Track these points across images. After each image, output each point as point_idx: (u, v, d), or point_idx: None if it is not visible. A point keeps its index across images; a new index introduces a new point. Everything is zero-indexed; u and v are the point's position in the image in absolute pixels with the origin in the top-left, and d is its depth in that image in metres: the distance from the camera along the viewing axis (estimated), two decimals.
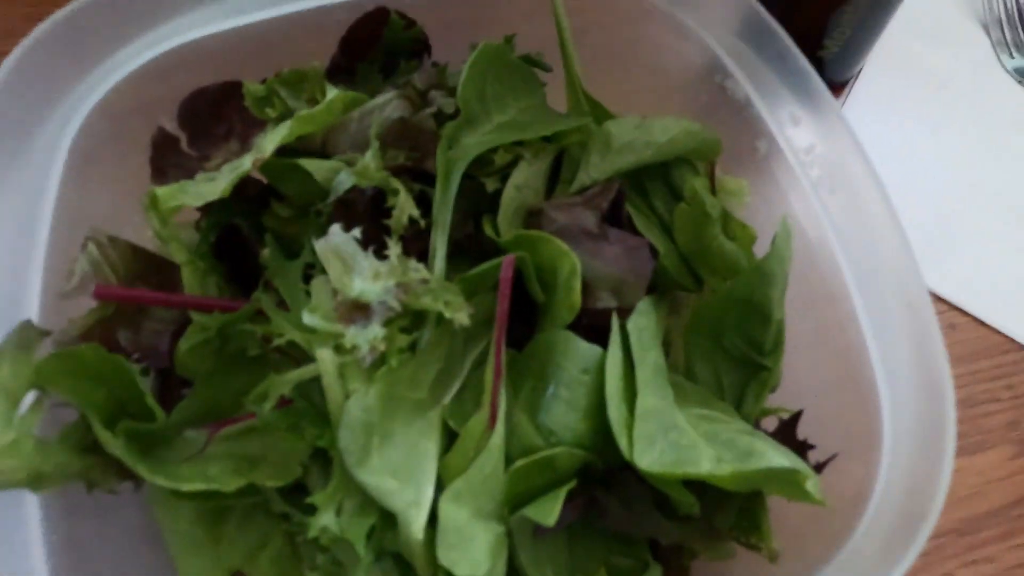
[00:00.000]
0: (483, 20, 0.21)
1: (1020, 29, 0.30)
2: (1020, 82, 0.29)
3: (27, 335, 0.13)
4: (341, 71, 0.18)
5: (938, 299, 0.25)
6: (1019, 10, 0.32)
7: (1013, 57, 0.30)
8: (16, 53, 0.16)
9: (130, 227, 0.16)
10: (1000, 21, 0.31)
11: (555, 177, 0.19)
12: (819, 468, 0.16)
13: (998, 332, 0.25)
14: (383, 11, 0.18)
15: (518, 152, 0.17)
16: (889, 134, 0.27)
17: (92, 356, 0.13)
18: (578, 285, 0.15)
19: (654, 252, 0.17)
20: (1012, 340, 0.25)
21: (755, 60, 0.19)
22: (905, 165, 0.26)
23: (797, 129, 0.19)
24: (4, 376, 0.12)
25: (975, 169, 0.27)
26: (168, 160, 0.17)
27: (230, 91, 0.17)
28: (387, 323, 0.14)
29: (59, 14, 0.16)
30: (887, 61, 0.29)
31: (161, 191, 0.15)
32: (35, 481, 0.13)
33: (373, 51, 0.18)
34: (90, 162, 0.17)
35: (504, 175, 0.17)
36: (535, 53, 0.18)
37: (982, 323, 0.25)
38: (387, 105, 0.16)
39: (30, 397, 0.13)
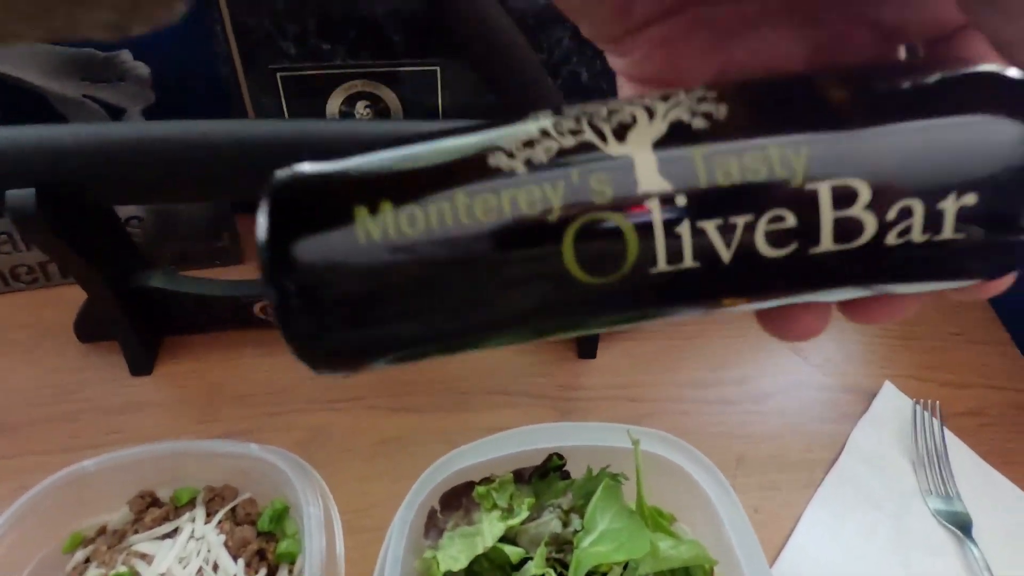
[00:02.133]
0: None
1: (940, 476, 0.45)
2: (940, 523, 0.43)
3: None
4: (523, 480, 0.33)
5: None
6: (938, 457, 0.47)
7: (932, 494, 0.44)
8: None
9: None
10: (924, 463, 0.46)
11: None
12: None
13: None
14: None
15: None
16: (830, 539, 0.41)
17: None
18: None
19: None
20: None
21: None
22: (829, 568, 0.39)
23: None
24: None
25: None
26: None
27: (469, 486, 0.33)
28: None
29: None
30: (841, 475, 0.44)
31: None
32: None
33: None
34: None
35: None
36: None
37: None
38: (549, 521, 0.31)
39: None
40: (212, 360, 0.43)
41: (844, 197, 0.12)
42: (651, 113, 0.12)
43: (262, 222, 0.12)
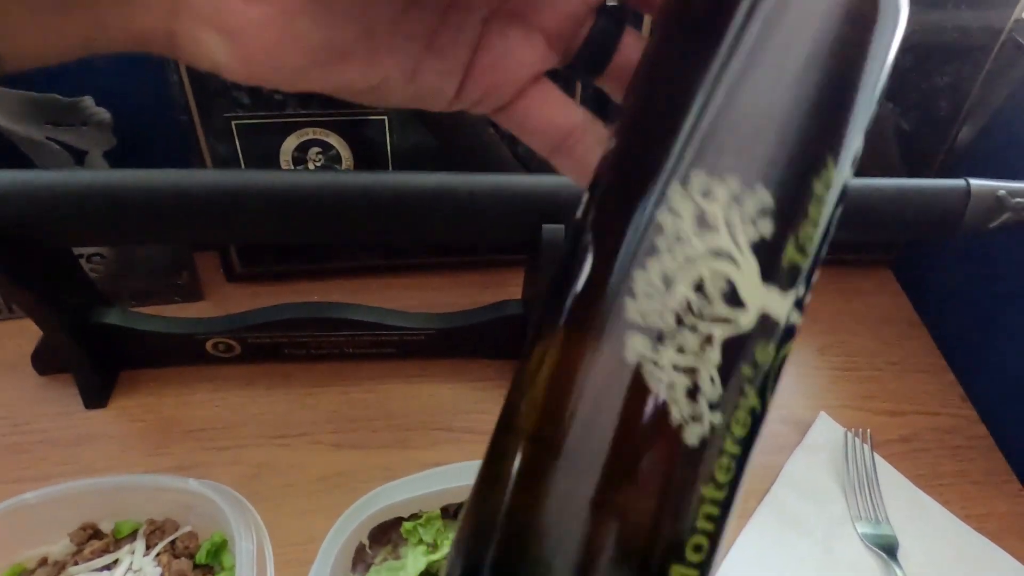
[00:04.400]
0: None
1: (869, 501, 0.47)
2: (867, 547, 0.45)
3: None
4: (451, 516, 0.35)
5: None
6: (868, 482, 0.48)
7: (861, 519, 0.46)
8: None
9: None
10: (855, 489, 0.47)
11: None
12: None
13: None
14: None
15: None
16: (760, 567, 0.42)
17: None
18: None
19: None
20: None
21: None
22: None
23: None
24: None
25: None
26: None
27: (397, 522, 0.34)
28: None
29: None
30: (773, 504, 0.45)
31: None
32: None
33: None
34: None
35: None
36: None
37: None
38: None
39: None
40: (166, 395, 0.44)
41: None
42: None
43: None
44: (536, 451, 0.13)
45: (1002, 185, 0.41)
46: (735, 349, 0.12)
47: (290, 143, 0.47)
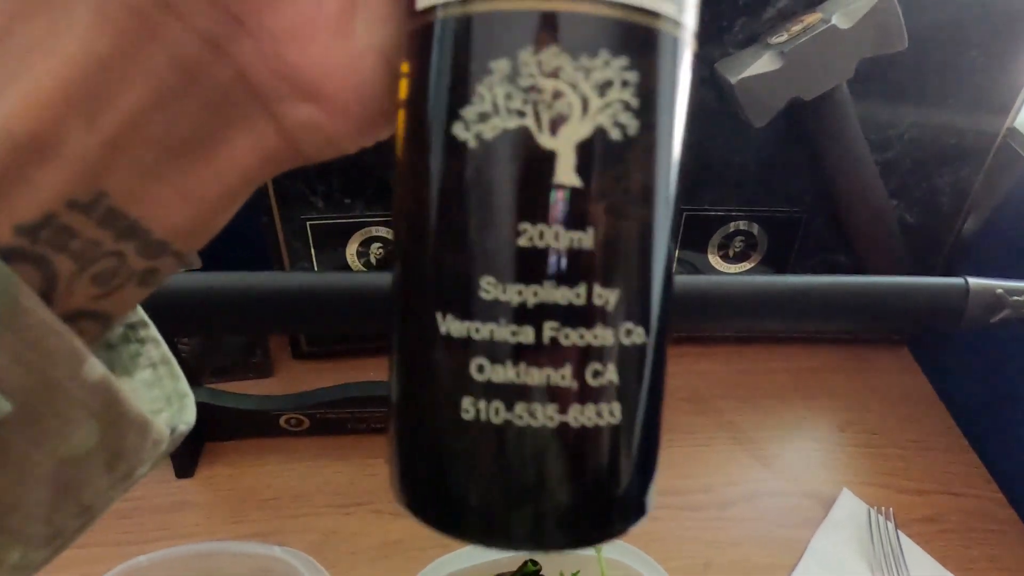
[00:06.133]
0: None
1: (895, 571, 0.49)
2: None
3: None
4: None
5: None
6: (895, 561, 0.50)
7: None
8: None
9: None
10: (882, 568, 0.50)
11: None
12: None
13: None
14: None
15: None
16: None
17: None
18: None
19: None
20: None
21: None
22: None
23: None
24: None
25: None
26: None
27: None
28: None
29: None
30: None
31: None
32: None
33: None
34: None
35: None
36: None
37: None
38: None
39: None
40: (244, 465, 0.50)
41: None
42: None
43: None
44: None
45: (1000, 284, 0.45)
46: None
47: (355, 240, 0.54)
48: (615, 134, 0.11)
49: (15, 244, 0.12)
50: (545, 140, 0.11)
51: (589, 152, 0.11)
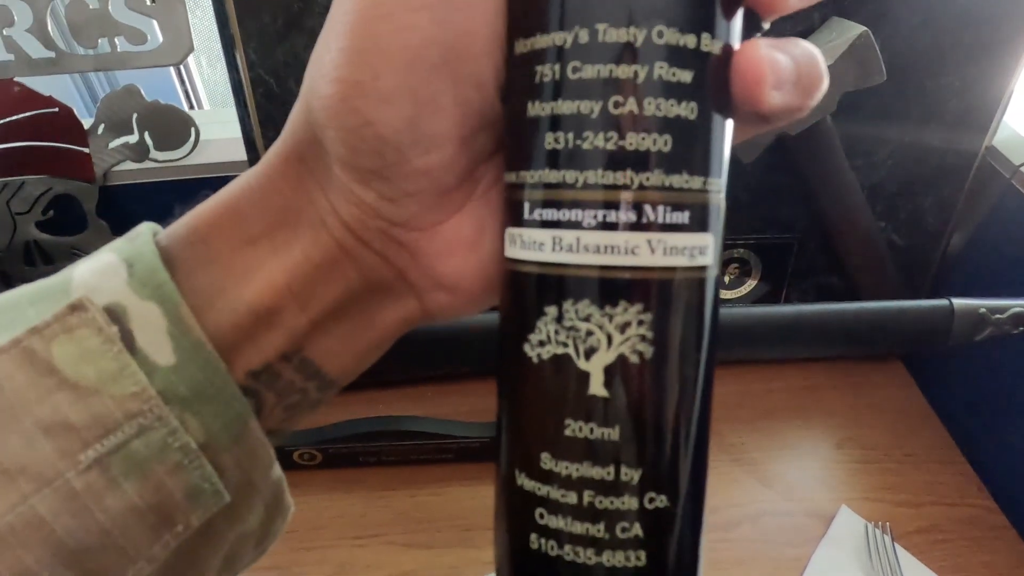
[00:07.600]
0: None
1: None
2: None
3: None
4: None
5: None
6: (892, 574, 0.52)
7: None
8: None
9: None
10: None
11: None
12: None
13: None
14: None
15: None
16: None
17: None
18: None
19: None
20: None
21: None
22: None
23: None
24: None
25: None
26: None
27: None
28: None
29: None
30: None
31: None
32: None
33: None
34: None
35: None
36: None
37: None
38: None
39: None
40: None
41: None
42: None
43: None
44: None
45: (983, 303, 0.47)
46: None
47: None
48: (634, 359, 0.15)
49: (245, 383, 0.17)
50: (582, 364, 0.15)
51: (613, 373, 0.15)
